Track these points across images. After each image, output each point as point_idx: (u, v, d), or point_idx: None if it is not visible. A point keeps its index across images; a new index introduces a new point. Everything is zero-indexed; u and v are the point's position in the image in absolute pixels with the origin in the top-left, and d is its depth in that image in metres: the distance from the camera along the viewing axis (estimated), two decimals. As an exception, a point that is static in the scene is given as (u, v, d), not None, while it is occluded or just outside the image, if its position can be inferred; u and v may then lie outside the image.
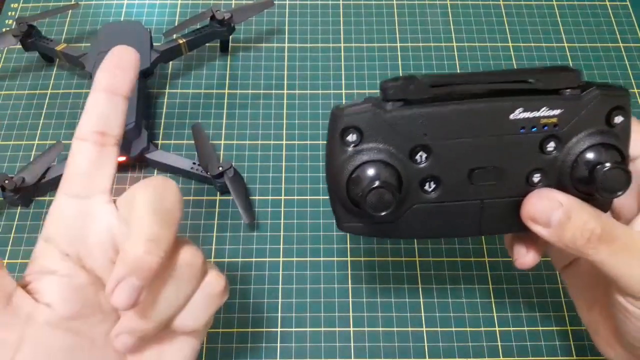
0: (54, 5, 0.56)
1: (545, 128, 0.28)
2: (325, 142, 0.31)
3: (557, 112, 0.28)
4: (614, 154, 0.28)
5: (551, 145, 0.28)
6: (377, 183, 0.27)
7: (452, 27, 0.55)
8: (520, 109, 0.27)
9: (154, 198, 0.26)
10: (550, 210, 0.28)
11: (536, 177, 0.29)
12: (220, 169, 0.43)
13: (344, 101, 0.50)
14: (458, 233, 0.31)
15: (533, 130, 0.28)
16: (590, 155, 0.28)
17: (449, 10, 0.56)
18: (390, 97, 0.27)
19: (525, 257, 0.31)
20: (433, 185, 0.29)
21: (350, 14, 0.55)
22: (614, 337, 0.31)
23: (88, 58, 0.47)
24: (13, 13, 0.55)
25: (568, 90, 0.28)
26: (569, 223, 0.27)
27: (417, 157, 0.28)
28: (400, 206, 0.29)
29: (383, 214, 0.27)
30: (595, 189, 0.27)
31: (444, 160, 0.28)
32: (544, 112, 0.28)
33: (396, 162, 0.28)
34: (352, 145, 0.28)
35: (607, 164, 0.27)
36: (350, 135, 0.28)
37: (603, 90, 0.28)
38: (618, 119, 0.28)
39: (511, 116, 0.27)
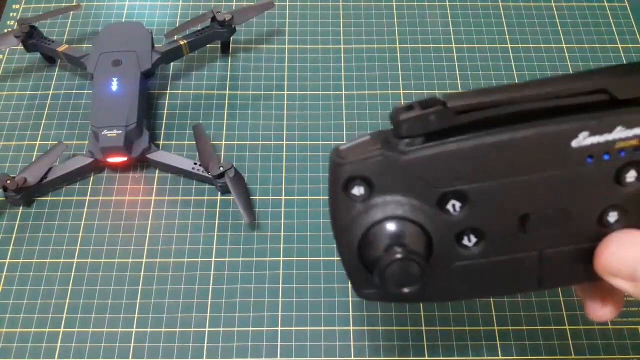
0: (56, 6, 0.56)
1: (622, 154, 0.21)
2: (324, 142, 0.29)
3: (638, 131, 0.21)
4: None
5: (631, 175, 0.22)
6: (397, 251, 0.20)
7: (451, 28, 0.55)
8: (586, 133, 0.21)
9: None
10: (635, 260, 0.22)
11: (612, 216, 0.22)
12: (221, 169, 0.43)
13: (343, 102, 0.50)
14: (511, 290, 0.26)
15: (605, 158, 0.21)
16: None
17: (449, 11, 0.56)
18: (405, 134, 0.21)
19: (600, 311, 0.26)
20: (474, 239, 0.23)
21: (350, 14, 0.56)
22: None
23: (89, 59, 0.48)
24: (14, 14, 0.56)
25: None
26: None
27: (449, 206, 0.22)
28: (433, 270, 0.22)
29: (408, 290, 0.21)
30: None
31: (485, 207, 0.22)
32: (619, 132, 0.21)
33: (421, 217, 0.21)
34: (360, 200, 0.22)
35: None
36: (356, 187, 0.21)
37: None
38: None
39: (573, 143, 0.21)
